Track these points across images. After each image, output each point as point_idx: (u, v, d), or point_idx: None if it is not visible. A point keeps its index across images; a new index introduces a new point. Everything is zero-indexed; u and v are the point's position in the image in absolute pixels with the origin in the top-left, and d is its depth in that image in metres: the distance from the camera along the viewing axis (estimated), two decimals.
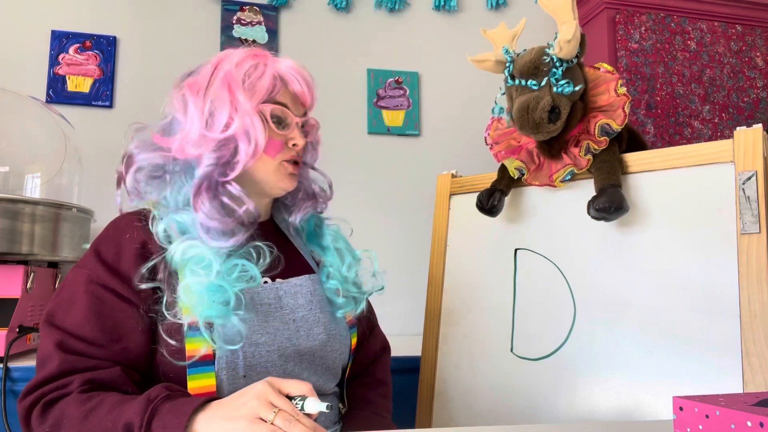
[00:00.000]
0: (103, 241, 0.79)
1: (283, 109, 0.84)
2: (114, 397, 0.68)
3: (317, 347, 0.85)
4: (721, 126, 2.09)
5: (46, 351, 0.72)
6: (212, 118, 0.80)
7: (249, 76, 0.81)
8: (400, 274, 1.96)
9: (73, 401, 0.68)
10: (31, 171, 1.57)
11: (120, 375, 0.73)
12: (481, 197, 1.25)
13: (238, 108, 0.79)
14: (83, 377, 0.70)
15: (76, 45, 1.84)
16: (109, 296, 0.75)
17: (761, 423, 0.49)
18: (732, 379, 0.92)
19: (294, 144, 0.85)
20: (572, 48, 1.06)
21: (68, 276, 0.78)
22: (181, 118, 0.82)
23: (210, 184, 0.79)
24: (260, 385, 0.66)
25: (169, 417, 0.64)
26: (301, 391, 0.67)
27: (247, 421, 0.62)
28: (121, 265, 0.76)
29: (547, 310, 1.17)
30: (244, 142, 0.79)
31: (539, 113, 1.06)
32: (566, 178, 1.16)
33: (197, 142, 0.79)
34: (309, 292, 0.88)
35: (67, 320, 0.74)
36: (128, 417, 0.64)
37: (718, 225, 0.99)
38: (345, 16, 2.08)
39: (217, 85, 0.81)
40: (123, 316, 0.75)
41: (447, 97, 2.11)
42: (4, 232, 1.28)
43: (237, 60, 0.83)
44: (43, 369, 0.71)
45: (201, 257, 0.76)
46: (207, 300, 0.74)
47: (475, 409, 1.23)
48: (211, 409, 0.65)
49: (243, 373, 0.77)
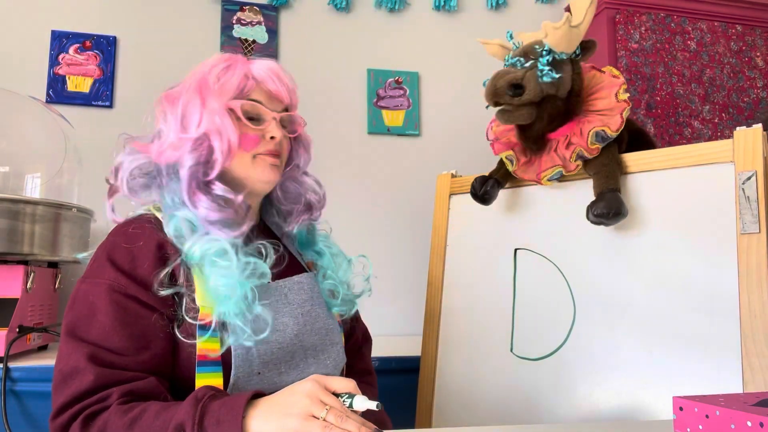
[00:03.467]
0: (115, 249, 0.78)
1: (253, 104, 0.86)
2: (156, 405, 0.69)
3: (318, 342, 0.88)
4: (721, 126, 2.09)
5: (76, 364, 0.71)
6: (185, 120, 0.83)
7: (219, 78, 0.84)
8: (400, 274, 1.96)
9: (115, 412, 0.68)
10: (31, 171, 1.57)
11: (156, 385, 0.73)
12: (475, 184, 1.26)
13: (207, 107, 0.82)
14: (122, 389, 0.70)
15: (76, 45, 1.84)
16: (131, 304, 0.75)
17: (761, 423, 0.49)
18: (732, 379, 0.92)
19: (271, 137, 0.86)
20: (559, 38, 1.06)
21: (81, 288, 0.77)
22: (163, 126, 0.86)
23: (198, 183, 0.82)
24: (309, 384, 0.67)
25: (223, 412, 0.65)
26: (347, 389, 0.68)
27: (301, 418, 0.63)
28: (140, 272, 0.76)
29: (547, 310, 1.17)
30: (216, 139, 0.82)
31: (502, 82, 1.07)
32: (554, 177, 1.16)
33: (175, 144, 0.82)
34: (310, 288, 0.91)
35: (92, 332, 0.73)
36: (179, 418, 0.65)
37: (718, 225, 0.99)
38: (345, 16, 2.08)
39: (189, 90, 0.84)
40: (147, 323, 0.75)
41: (447, 97, 2.11)
42: (5, 232, 1.28)
43: (210, 64, 0.86)
44: (75, 382, 0.70)
45: (220, 250, 0.78)
46: (227, 295, 0.75)
47: (475, 409, 1.23)
48: (262, 406, 0.66)
49: (257, 370, 0.79)
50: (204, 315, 0.76)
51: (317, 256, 0.98)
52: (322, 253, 0.98)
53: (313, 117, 1.97)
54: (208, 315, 0.76)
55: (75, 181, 1.64)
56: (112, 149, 0.91)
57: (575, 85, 1.13)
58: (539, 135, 1.16)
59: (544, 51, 1.08)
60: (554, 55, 1.09)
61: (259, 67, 0.88)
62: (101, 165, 1.77)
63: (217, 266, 0.77)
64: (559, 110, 1.12)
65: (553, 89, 1.09)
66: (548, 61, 1.07)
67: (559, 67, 1.09)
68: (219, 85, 0.84)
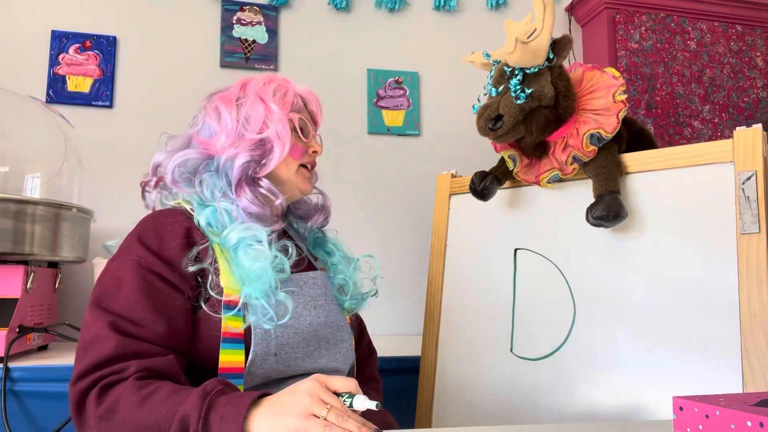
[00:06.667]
0: (145, 231, 0.84)
1: (303, 119, 0.97)
2: (169, 387, 0.71)
3: (330, 335, 0.93)
4: (721, 126, 2.09)
5: (98, 331, 0.74)
6: (247, 123, 0.91)
7: (275, 92, 0.94)
8: (400, 274, 1.96)
9: (130, 386, 0.70)
10: (31, 171, 1.57)
11: (174, 364, 0.76)
12: (475, 179, 1.27)
13: (272, 114, 0.92)
14: (140, 364, 0.72)
15: (76, 45, 1.84)
16: (156, 280, 0.80)
17: (761, 423, 0.49)
18: (732, 379, 0.92)
19: (314, 151, 0.98)
20: (517, 58, 1.07)
21: (110, 265, 0.82)
22: (214, 124, 0.92)
23: (247, 178, 0.90)
24: (309, 383, 0.68)
25: (227, 409, 0.66)
26: (348, 388, 0.69)
27: (302, 417, 0.64)
28: (167, 252, 0.82)
29: (547, 310, 1.17)
30: (277, 142, 0.91)
31: (482, 121, 1.14)
32: (552, 180, 1.17)
33: (235, 142, 0.90)
34: (323, 284, 0.98)
35: (115, 303, 0.77)
36: (185, 409, 0.66)
37: (718, 225, 0.99)
38: (345, 16, 2.08)
39: (250, 97, 0.93)
40: (170, 300, 0.80)
41: (447, 97, 2.11)
42: (5, 232, 1.28)
43: (263, 81, 0.96)
44: (96, 349, 0.73)
45: (256, 236, 0.85)
46: (259, 275, 0.82)
47: (475, 409, 1.23)
48: (264, 405, 0.67)
49: (274, 351, 0.83)
50: (228, 295, 0.81)
51: (327, 255, 1.06)
52: (332, 253, 1.07)
53: None
54: (232, 295, 0.81)
55: (75, 181, 1.64)
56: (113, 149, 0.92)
57: (559, 88, 1.11)
58: (535, 144, 1.17)
59: (516, 71, 1.10)
60: (525, 71, 1.09)
61: (301, 88, 1.00)
62: (101, 165, 1.79)
63: (252, 249, 0.84)
64: (548, 118, 1.12)
65: (534, 102, 1.10)
66: (519, 81, 1.09)
67: (534, 80, 1.09)
68: (280, 97, 0.94)
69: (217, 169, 0.92)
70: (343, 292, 1.02)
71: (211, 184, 0.90)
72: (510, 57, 1.07)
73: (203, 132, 0.94)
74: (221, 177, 0.91)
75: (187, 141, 0.96)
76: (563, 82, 1.12)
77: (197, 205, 0.89)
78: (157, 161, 0.95)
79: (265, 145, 0.91)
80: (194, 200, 0.90)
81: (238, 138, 0.91)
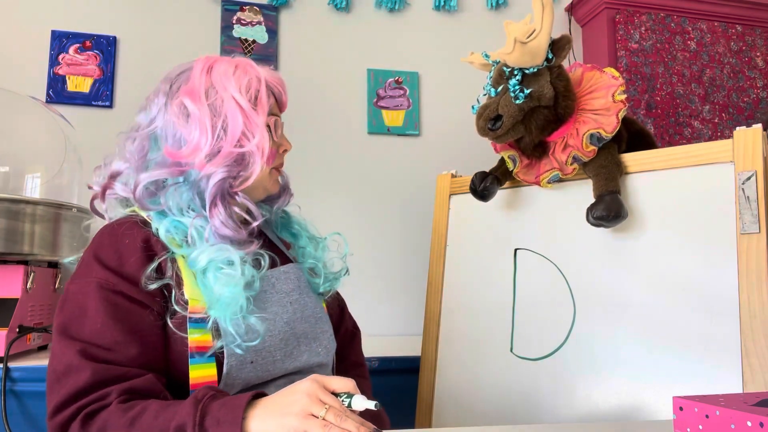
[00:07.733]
0: (100, 248, 0.79)
1: (277, 120, 0.90)
2: (156, 404, 0.69)
3: (309, 329, 0.90)
4: (721, 126, 2.09)
5: (69, 361, 0.71)
6: (225, 133, 0.82)
7: (248, 89, 0.84)
8: (400, 274, 1.96)
9: (115, 411, 0.68)
10: (31, 171, 1.57)
11: (155, 382, 0.73)
12: (475, 180, 1.27)
13: (252, 124, 0.83)
14: (120, 387, 0.70)
15: (76, 45, 1.84)
16: (121, 300, 0.75)
17: (761, 423, 0.49)
18: (732, 379, 0.92)
19: (284, 150, 0.92)
20: (516, 58, 1.07)
21: (69, 288, 0.77)
22: (181, 127, 0.83)
23: (222, 194, 0.83)
24: (308, 383, 0.67)
25: (222, 412, 0.65)
26: (346, 388, 0.69)
27: (300, 417, 0.64)
28: (128, 268, 0.77)
29: (547, 310, 1.17)
30: (257, 155, 0.83)
31: (482, 121, 1.13)
32: (552, 180, 1.17)
33: (212, 155, 0.82)
34: (296, 277, 0.93)
35: (84, 330, 0.73)
36: (179, 419, 0.65)
37: (718, 225, 0.99)
38: (345, 16, 2.08)
39: (222, 96, 0.83)
40: (138, 318, 0.76)
41: (447, 97, 2.11)
42: (5, 232, 1.28)
43: (230, 69, 0.86)
44: (71, 380, 0.69)
45: (228, 259, 0.79)
46: (228, 303, 0.76)
47: (475, 409, 1.23)
48: (261, 406, 0.67)
49: (250, 359, 0.80)
50: (193, 307, 0.77)
51: (294, 238, 1.01)
52: (299, 235, 1.01)
53: (313, 117, 1.99)
54: (197, 306, 0.77)
55: (75, 181, 1.64)
56: (113, 149, 0.90)
57: (558, 88, 1.11)
58: (535, 144, 1.17)
59: (515, 71, 1.10)
60: (524, 71, 1.09)
61: (269, 77, 0.89)
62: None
63: (222, 273, 0.78)
64: (547, 118, 1.12)
65: (534, 102, 1.10)
66: (518, 81, 1.09)
67: (533, 80, 1.09)
68: (252, 98, 0.84)
69: (187, 181, 0.83)
70: (315, 274, 0.97)
71: (178, 198, 0.82)
72: (509, 57, 1.07)
73: (167, 132, 0.83)
74: (192, 191, 0.83)
75: (147, 145, 0.85)
76: (562, 82, 1.12)
77: (155, 214, 0.82)
78: (117, 170, 0.86)
79: (245, 160, 0.83)
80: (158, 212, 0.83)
81: (215, 151, 0.81)
